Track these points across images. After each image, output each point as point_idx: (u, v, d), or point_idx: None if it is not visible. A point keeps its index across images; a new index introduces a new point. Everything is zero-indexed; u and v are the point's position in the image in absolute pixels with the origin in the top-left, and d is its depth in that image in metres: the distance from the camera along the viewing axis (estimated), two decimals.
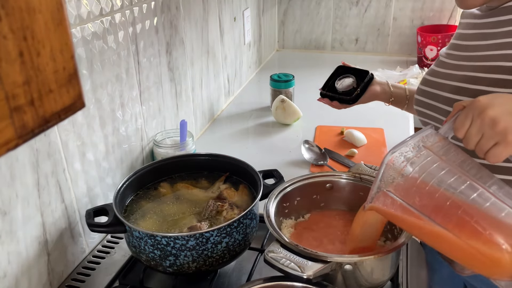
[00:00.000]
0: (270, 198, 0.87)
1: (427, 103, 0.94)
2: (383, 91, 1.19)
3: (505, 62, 0.79)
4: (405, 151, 0.69)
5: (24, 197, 0.79)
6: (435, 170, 0.66)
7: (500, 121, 0.62)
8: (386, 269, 0.79)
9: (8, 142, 0.30)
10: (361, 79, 1.19)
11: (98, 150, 0.98)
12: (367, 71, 1.20)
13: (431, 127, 0.72)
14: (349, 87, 1.20)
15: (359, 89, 1.17)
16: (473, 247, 0.62)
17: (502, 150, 0.63)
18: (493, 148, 0.64)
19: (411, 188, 0.67)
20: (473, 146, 0.66)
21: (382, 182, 0.70)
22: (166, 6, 1.20)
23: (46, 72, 0.32)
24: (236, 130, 1.54)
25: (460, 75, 0.87)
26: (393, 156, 0.69)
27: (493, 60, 0.82)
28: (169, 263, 0.81)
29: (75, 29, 0.87)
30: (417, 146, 0.69)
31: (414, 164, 0.67)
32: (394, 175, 0.69)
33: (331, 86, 1.23)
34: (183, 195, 0.97)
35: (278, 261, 0.72)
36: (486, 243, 0.61)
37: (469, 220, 0.62)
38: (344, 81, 1.22)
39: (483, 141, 0.64)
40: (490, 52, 0.83)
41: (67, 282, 0.90)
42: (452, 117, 0.69)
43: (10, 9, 0.29)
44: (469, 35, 0.90)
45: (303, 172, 1.25)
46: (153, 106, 1.20)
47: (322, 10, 2.25)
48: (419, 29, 2.07)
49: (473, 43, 0.88)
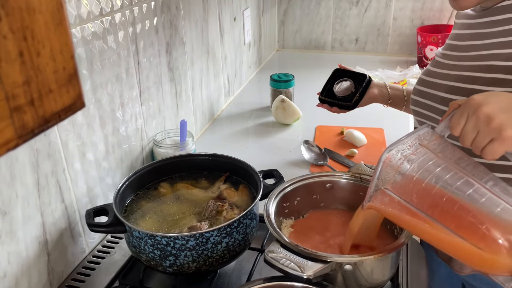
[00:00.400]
0: (270, 198, 0.87)
1: (424, 103, 0.94)
2: (381, 93, 1.19)
3: (499, 62, 0.80)
4: (402, 148, 0.69)
5: (24, 197, 0.79)
6: (431, 167, 0.67)
7: (495, 117, 0.63)
8: (386, 269, 0.79)
9: (8, 142, 0.30)
10: (359, 82, 1.19)
11: (98, 150, 0.98)
12: (365, 75, 1.20)
13: (427, 126, 0.72)
14: (347, 91, 1.20)
15: (358, 95, 1.18)
16: (470, 242, 0.62)
17: (498, 146, 0.64)
18: (489, 145, 0.64)
19: (408, 185, 0.68)
20: (469, 144, 0.67)
21: (379, 180, 0.70)
22: (166, 6, 1.20)
23: (46, 72, 0.32)
24: (236, 130, 1.54)
25: (455, 75, 0.88)
26: (390, 153, 0.69)
27: (487, 60, 0.82)
28: (169, 263, 0.81)
29: (75, 29, 0.87)
30: (414, 144, 0.69)
31: (411, 162, 0.68)
32: (391, 172, 0.69)
33: (329, 91, 1.23)
34: (183, 195, 0.97)
35: (278, 261, 0.72)
36: (483, 238, 0.61)
37: (465, 215, 0.63)
38: (342, 85, 1.22)
39: (479, 138, 0.65)
40: (484, 51, 0.84)
41: (67, 282, 0.90)
42: (448, 116, 0.70)
43: (10, 9, 0.29)
44: (464, 35, 0.91)
45: (303, 172, 1.25)
46: (153, 106, 1.20)
47: (322, 10, 2.25)
48: (419, 29, 2.07)
49: (467, 43, 0.89)
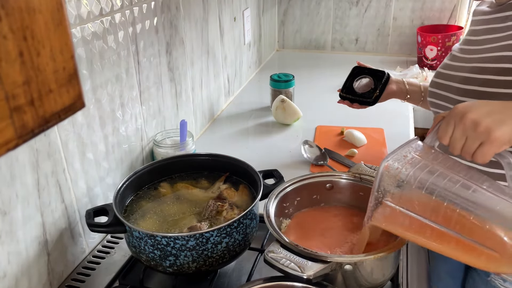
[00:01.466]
0: (270, 198, 0.87)
1: (440, 94, 0.98)
2: (399, 89, 1.23)
3: (509, 52, 0.83)
4: (397, 158, 0.71)
5: (24, 197, 0.79)
6: (428, 174, 0.68)
7: (481, 122, 0.64)
8: (386, 269, 0.79)
9: (8, 142, 0.30)
10: (378, 78, 1.22)
11: (98, 150, 0.98)
12: (383, 71, 1.23)
13: (416, 138, 0.75)
14: (367, 87, 1.23)
15: (378, 91, 1.20)
16: (477, 242, 0.62)
17: (488, 149, 0.65)
18: (479, 149, 0.66)
19: (408, 194, 0.69)
20: (459, 150, 0.68)
21: (379, 192, 0.71)
22: (166, 6, 1.20)
23: (46, 72, 0.32)
24: (236, 130, 1.54)
25: (469, 67, 0.91)
26: (388, 163, 0.70)
27: (499, 51, 0.86)
28: (169, 263, 0.81)
29: (75, 29, 0.87)
30: (408, 154, 0.71)
31: (408, 170, 0.69)
32: (390, 182, 0.70)
33: (349, 87, 1.25)
34: (183, 195, 0.97)
35: (278, 261, 0.72)
36: (488, 237, 0.61)
37: (468, 216, 0.63)
38: (361, 82, 1.25)
39: (468, 143, 0.67)
40: (497, 44, 0.87)
41: (67, 282, 0.90)
42: (435, 128, 0.72)
43: (10, 9, 0.29)
44: (479, 31, 0.95)
45: (303, 172, 1.25)
46: (153, 106, 1.20)
47: (322, 10, 2.25)
48: (419, 29, 2.07)
49: (482, 38, 0.93)
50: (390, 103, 1.63)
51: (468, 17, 2.08)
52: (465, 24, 2.08)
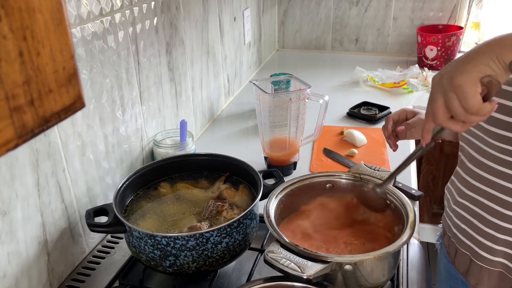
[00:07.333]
0: (270, 198, 0.87)
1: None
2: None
3: None
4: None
5: (24, 197, 0.79)
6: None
7: (446, 75, 0.66)
8: (386, 269, 0.79)
9: (8, 142, 0.30)
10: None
11: (98, 150, 0.98)
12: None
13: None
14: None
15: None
16: None
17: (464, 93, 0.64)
18: (461, 98, 0.64)
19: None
20: (462, 114, 0.66)
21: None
22: (166, 6, 1.20)
23: (46, 72, 0.32)
24: (236, 130, 1.54)
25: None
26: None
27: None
28: (169, 263, 0.81)
29: (75, 29, 0.87)
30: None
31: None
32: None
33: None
34: (183, 195, 0.97)
35: (278, 261, 0.72)
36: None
37: None
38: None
39: (451, 100, 0.65)
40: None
41: (67, 282, 0.90)
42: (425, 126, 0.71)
43: (10, 9, 0.29)
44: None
45: (303, 172, 1.25)
46: (153, 106, 1.20)
47: (322, 10, 2.25)
48: (419, 29, 2.07)
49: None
50: (390, 103, 1.63)
51: (468, 17, 2.08)
52: (465, 24, 2.08)
